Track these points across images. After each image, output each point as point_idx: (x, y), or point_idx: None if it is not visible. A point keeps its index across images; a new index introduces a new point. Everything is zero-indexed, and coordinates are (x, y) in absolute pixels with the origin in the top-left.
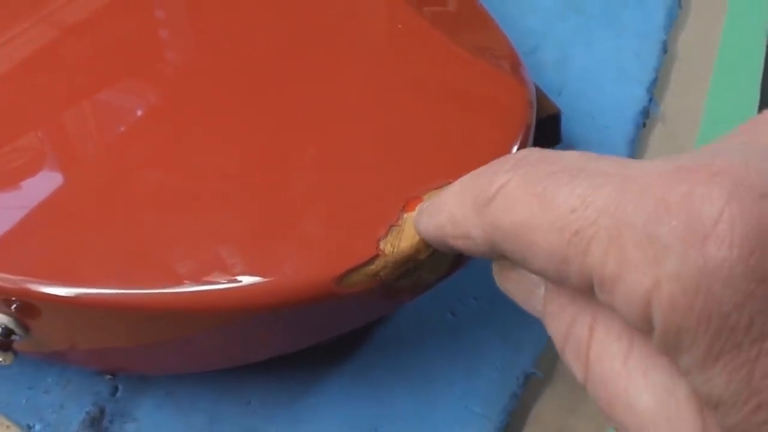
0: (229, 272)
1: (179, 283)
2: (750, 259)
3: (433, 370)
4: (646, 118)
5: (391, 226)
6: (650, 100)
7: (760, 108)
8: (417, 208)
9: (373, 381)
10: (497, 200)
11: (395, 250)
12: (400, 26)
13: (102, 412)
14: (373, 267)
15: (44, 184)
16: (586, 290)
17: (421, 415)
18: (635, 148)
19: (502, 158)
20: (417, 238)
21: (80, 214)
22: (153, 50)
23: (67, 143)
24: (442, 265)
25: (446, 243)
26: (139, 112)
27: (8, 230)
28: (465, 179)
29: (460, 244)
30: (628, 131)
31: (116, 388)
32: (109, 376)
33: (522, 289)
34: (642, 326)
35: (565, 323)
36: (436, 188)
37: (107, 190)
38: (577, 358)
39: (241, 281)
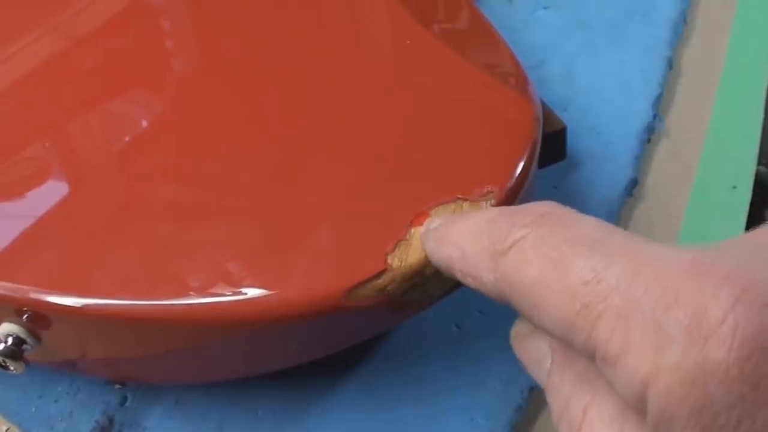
0: (238, 285)
1: (189, 295)
2: (746, 365)
3: (438, 382)
4: (650, 133)
5: (399, 240)
6: (655, 115)
7: (765, 124)
8: (425, 224)
9: (380, 393)
10: (512, 254)
11: (403, 264)
12: (407, 42)
13: (111, 421)
14: (380, 281)
15: (56, 194)
16: (586, 354)
17: (427, 427)
18: (639, 164)
19: (521, 209)
20: (424, 253)
21: (92, 225)
22: (166, 62)
23: (79, 154)
24: (449, 279)
25: (452, 274)
26: (151, 124)
27: (20, 241)
28: (482, 221)
29: (469, 281)
30: (632, 147)
31: (125, 398)
32: (118, 386)
33: (532, 358)
34: (636, 406)
35: (563, 399)
36: (443, 203)
37: (119, 202)
38: None
39: (249, 294)
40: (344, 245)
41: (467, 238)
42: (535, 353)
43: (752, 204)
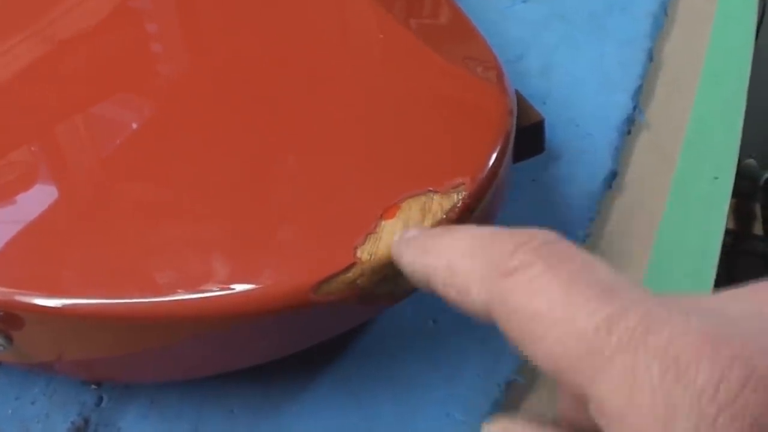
0: (207, 281)
1: (158, 293)
2: None
3: (415, 377)
4: (630, 125)
5: (369, 233)
6: (635, 107)
7: (748, 116)
8: (398, 233)
9: (356, 388)
10: (516, 279)
11: (372, 257)
12: (380, 35)
13: (87, 421)
14: (350, 275)
15: (28, 196)
16: (576, 395)
17: (404, 421)
18: (619, 156)
19: (522, 232)
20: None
21: (64, 225)
22: (136, 63)
23: (49, 155)
24: None
25: (428, 284)
26: (122, 126)
27: None
28: (476, 236)
29: (451, 294)
30: (612, 139)
31: (101, 398)
32: (94, 386)
33: None
34: None
35: None
36: (414, 196)
37: (88, 202)
38: None
39: (218, 290)
40: (313, 239)
41: (458, 251)
42: None
43: (741, 196)
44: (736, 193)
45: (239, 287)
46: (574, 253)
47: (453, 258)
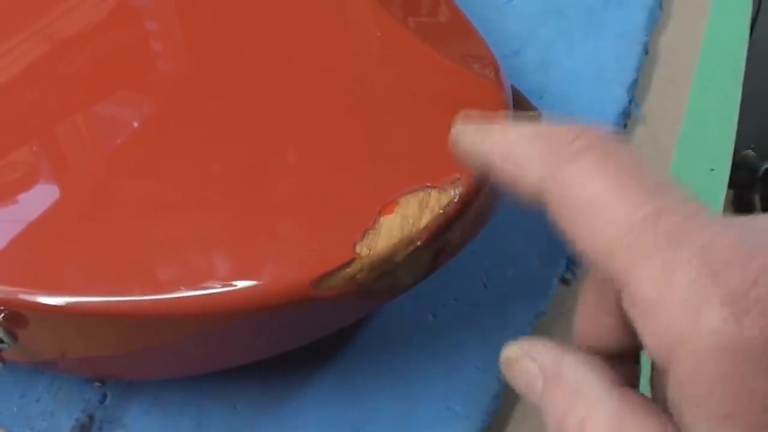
0: (207, 278)
1: (159, 290)
2: None
3: (414, 371)
4: (626, 119)
5: (368, 229)
6: (630, 101)
7: (745, 107)
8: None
9: (356, 383)
10: (577, 162)
11: (371, 252)
12: (377, 32)
13: (91, 419)
14: (349, 270)
15: (30, 194)
16: (611, 282)
17: (404, 415)
18: None
19: (584, 126)
20: (393, 240)
21: (66, 223)
22: (134, 62)
23: (51, 153)
24: (420, 266)
25: (486, 164)
26: (122, 123)
27: None
28: (539, 127)
29: (508, 169)
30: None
31: (105, 395)
32: (98, 383)
33: (523, 380)
34: (657, 358)
35: (558, 417)
36: (411, 192)
37: (91, 199)
38: None
39: (219, 286)
40: (312, 235)
41: (519, 136)
42: (526, 375)
43: (740, 187)
44: (735, 184)
45: (240, 284)
46: (631, 151)
47: (514, 140)
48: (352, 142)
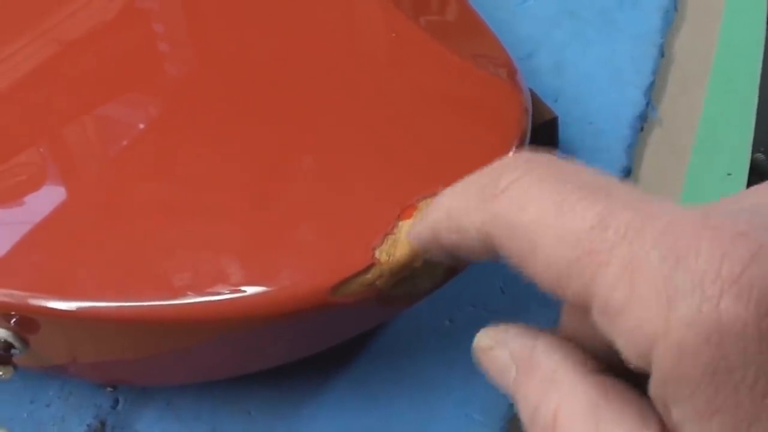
0: (224, 283)
1: (175, 295)
2: (764, 321)
3: (432, 377)
4: (643, 122)
5: (386, 234)
6: (647, 103)
7: (758, 111)
8: (411, 221)
9: (373, 389)
10: (509, 193)
11: (390, 258)
12: (394, 34)
13: (103, 424)
14: (368, 276)
15: (42, 198)
16: (579, 303)
17: (421, 422)
18: (633, 153)
19: (507, 158)
20: (412, 246)
21: (79, 227)
22: (148, 64)
23: (63, 158)
24: (438, 272)
25: (439, 240)
26: (135, 126)
27: (6, 245)
28: (468, 177)
29: (453, 238)
30: (625, 135)
31: (117, 401)
32: (110, 389)
33: (496, 369)
34: (637, 364)
35: (531, 406)
36: (431, 196)
37: (104, 204)
38: None
39: (236, 292)
40: (331, 240)
41: (453, 196)
42: (498, 364)
43: None
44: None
45: (256, 289)
46: (559, 162)
47: (449, 203)
48: (371, 145)
